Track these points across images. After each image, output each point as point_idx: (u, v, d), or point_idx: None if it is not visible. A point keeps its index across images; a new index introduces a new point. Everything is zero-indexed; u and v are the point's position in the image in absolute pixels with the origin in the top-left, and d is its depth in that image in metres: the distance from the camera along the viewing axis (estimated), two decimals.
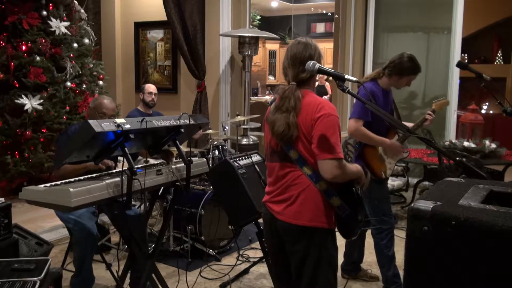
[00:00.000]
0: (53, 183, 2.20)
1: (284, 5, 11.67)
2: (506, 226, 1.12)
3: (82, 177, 2.33)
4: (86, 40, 5.47)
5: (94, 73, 5.55)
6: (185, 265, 3.54)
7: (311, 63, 1.93)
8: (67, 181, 2.24)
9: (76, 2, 5.50)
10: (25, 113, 4.87)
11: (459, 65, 2.74)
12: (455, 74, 5.94)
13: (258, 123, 6.01)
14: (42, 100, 4.91)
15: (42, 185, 2.15)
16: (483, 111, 9.05)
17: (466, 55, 9.57)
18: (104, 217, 3.55)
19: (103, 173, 2.45)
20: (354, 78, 1.88)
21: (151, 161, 2.92)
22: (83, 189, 2.05)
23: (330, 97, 9.55)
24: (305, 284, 2.05)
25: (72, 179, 2.29)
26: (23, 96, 4.85)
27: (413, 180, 5.38)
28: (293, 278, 2.11)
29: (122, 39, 7.18)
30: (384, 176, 3.09)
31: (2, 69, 4.97)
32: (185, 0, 6.15)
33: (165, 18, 6.22)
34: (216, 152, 4.40)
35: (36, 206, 2.19)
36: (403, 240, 1.35)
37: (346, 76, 1.89)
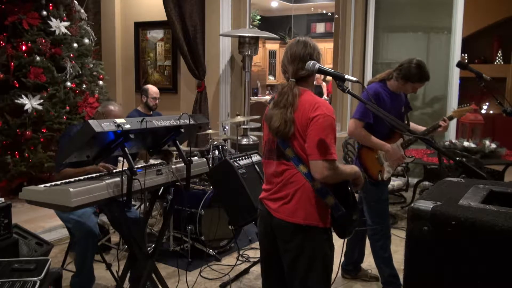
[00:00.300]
0: (53, 183, 2.20)
1: (284, 5, 11.67)
2: (506, 226, 1.12)
3: (82, 177, 2.33)
4: (86, 40, 5.47)
5: (94, 73, 5.54)
6: (185, 265, 3.54)
7: (311, 63, 1.93)
8: (67, 181, 2.24)
9: (76, 2, 5.50)
10: (25, 113, 4.87)
11: (459, 65, 2.73)
12: (455, 74, 5.93)
13: (258, 123, 6.00)
14: (42, 100, 4.91)
15: (42, 185, 2.15)
16: (483, 111, 9.04)
17: (466, 55, 9.56)
18: (104, 217, 3.55)
19: (103, 173, 2.45)
20: (354, 78, 1.87)
21: (151, 161, 2.92)
22: (83, 189, 2.05)
23: (330, 98, 9.53)
24: (298, 283, 2.04)
25: (72, 179, 2.29)
26: (23, 96, 4.85)
27: (413, 180, 5.38)
28: (286, 278, 2.09)
29: (122, 39, 7.18)
30: (381, 179, 2.99)
31: (2, 69, 4.96)
32: (185, 0, 6.15)
33: (165, 18, 6.23)
34: (216, 152, 4.39)
35: (36, 206, 2.19)
36: (403, 240, 1.35)
37: (346, 76, 1.88)
